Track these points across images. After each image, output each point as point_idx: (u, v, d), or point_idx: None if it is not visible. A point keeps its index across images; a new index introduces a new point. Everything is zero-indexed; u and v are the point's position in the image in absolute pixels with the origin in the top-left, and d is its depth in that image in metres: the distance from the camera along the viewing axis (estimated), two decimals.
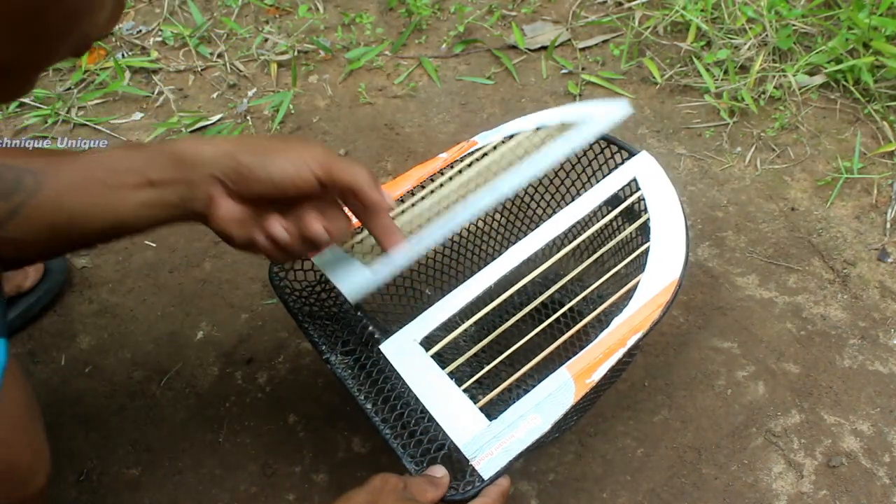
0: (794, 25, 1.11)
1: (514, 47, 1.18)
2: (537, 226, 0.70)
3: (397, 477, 0.58)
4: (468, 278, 0.68)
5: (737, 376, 0.81)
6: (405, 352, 0.64)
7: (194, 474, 0.76)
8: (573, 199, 0.72)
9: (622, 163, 0.73)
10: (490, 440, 0.58)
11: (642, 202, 0.70)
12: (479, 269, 0.68)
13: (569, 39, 1.19)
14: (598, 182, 0.72)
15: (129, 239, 0.95)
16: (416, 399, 0.62)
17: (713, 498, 0.73)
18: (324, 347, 0.68)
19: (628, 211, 0.72)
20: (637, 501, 0.73)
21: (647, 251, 0.66)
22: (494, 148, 0.74)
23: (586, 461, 0.75)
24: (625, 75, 1.14)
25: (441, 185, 0.73)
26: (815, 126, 1.05)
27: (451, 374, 0.62)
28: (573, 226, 0.70)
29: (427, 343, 0.64)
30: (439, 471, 0.59)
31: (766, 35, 1.11)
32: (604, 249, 0.70)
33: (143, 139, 1.07)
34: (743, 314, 0.86)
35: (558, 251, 0.69)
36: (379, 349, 0.65)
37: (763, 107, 1.07)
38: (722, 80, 1.09)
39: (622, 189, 0.71)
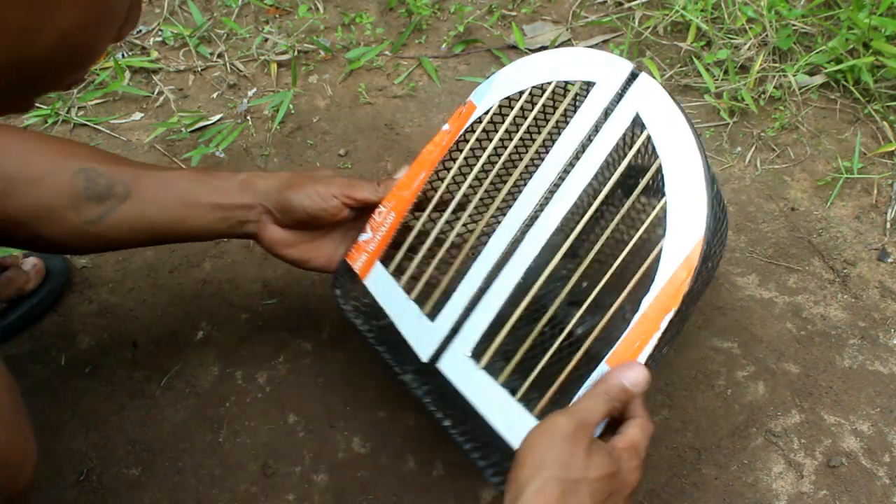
0: (794, 25, 1.11)
1: (514, 47, 1.18)
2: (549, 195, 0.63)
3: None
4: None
5: (737, 376, 0.81)
6: (461, 368, 0.64)
7: (194, 474, 0.76)
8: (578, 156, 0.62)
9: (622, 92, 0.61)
10: None
11: (650, 145, 0.58)
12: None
13: (569, 39, 1.19)
14: (597, 130, 0.62)
15: None
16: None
17: (713, 498, 0.73)
18: (396, 369, 0.69)
19: (637, 164, 0.62)
20: (637, 501, 0.73)
21: (665, 208, 0.56)
22: (505, 122, 0.68)
23: None
24: None
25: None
26: (815, 126, 1.05)
27: (503, 385, 0.62)
28: (587, 196, 0.62)
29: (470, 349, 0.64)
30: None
31: (766, 35, 1.11)
32: (614, 223, 0.61)
33: (143, 139, 1.07)
34: (743, 314, 0.86)
35: (572, 229, 0.63)
36: (437, 368, 0.65)
37: (763, 107, 1.07)
38: (722, 80, 1.09)
39: (627, 133, 0.60)
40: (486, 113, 0.68)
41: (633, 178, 0.61)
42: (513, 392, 0.61)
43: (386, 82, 1.15)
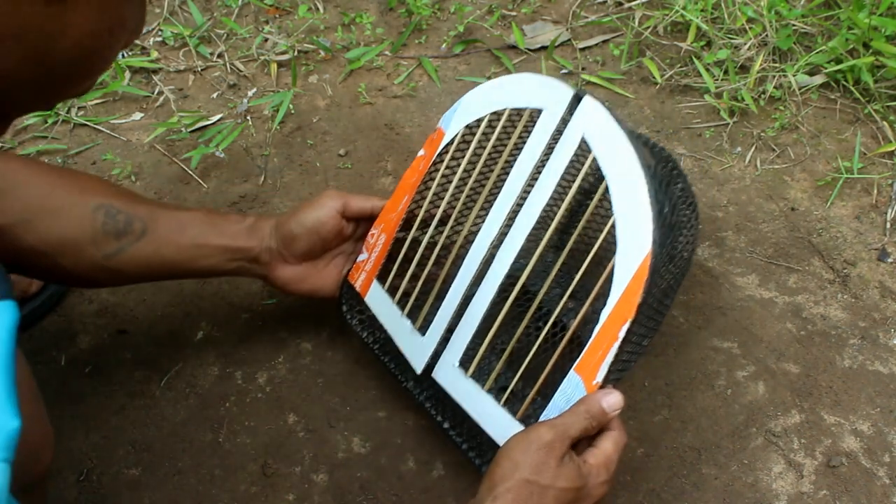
0: (794, 25, 1.11)
1: (514, 47, 1.18)
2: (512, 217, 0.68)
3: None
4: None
5: (737, 376, 0.81)
6: (452, 378, 0.70)
7: (194, 474, 0.76)
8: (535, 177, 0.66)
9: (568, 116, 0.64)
10: None
11: (596, 166, 0.61)
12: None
13: (569, 39, 1.19)
14: (550, 152, 0.65)
15: None
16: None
17: (713, 498, 0.73)
18: (400, 377, 0.76)
19: (588, 182, 0.66)
20: (637, 501, 0.73)
21: (614, 225, 0.60)
22: (473, 150, 0.72)
23: None
24: (625, 75, 1.14)
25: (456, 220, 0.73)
26: (815, 126, 1.05)
27: (490, 390, 0.68)
28: (546, 215, 0.66)
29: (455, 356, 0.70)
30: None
31: (766, 35, 1.11)
32: (572, 240, 0.65)
33: (143, 139, 1.07)
34: (743, 314, 0.86)
35: (536, 243, 0.67)
36: (432, 378, 0.72)
37: (763, 107, 1.07)
38: (722, 80, 1.09)
39: (576, 156, 0.63)
40: (454, 139, 0.72)
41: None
42: (497, 397, 0.67)
43: (386, 82, 1.15)
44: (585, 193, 0.72)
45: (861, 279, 0.89)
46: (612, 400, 0.60)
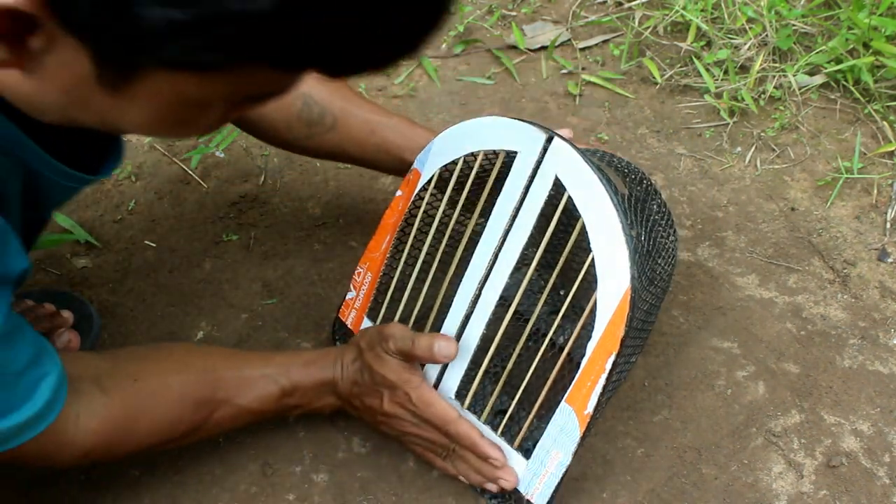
0: (794, 25, 1.11)
1: (514, 47, 1.18)
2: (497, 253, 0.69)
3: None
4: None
5: (737, 376, 0.81)
6: None
7: (194, 474, 0.76)
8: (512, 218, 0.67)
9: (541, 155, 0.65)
10: (533, 477, 0.66)
11: (572, 204, 0.62)
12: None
13: (569, 39, 1.19)
14: (527, 191, 0.66)
15: (130, 240, 0.95)
16: None
17: (713, 498, 0.73)
18: None
19: (564, 217, 0.67)
20: (637, 501, 0.73)
21: (593, 262, 0.61)
22: (451, 193, 0.73)
23: (586, 461, 0.75)
24: (625, 75, 1.14)
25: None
26: (815, 126, 1.05)
27: (486, 421, 0.69)
28: (528, 249, 0.67)
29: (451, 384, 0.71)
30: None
31: (766, 35, 1.11)
32: (559, 266, 0.66)
33: (143, 139, 1.07)
34: (743, 314, 0.86)
35: (521, 277, 0.68)
36: None
37: (763, 107, 1.07)
38: (722, 80, 1.09)
39: (550, 196, 0.65)
40: (431, 179, 0.73)
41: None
42: (495, 426, 0.69)
43: (386, 82, 1.15)
44: (566, 226, 0.74)
45: (861, 279, 0.89)
46: (439, 343, 0.65)
